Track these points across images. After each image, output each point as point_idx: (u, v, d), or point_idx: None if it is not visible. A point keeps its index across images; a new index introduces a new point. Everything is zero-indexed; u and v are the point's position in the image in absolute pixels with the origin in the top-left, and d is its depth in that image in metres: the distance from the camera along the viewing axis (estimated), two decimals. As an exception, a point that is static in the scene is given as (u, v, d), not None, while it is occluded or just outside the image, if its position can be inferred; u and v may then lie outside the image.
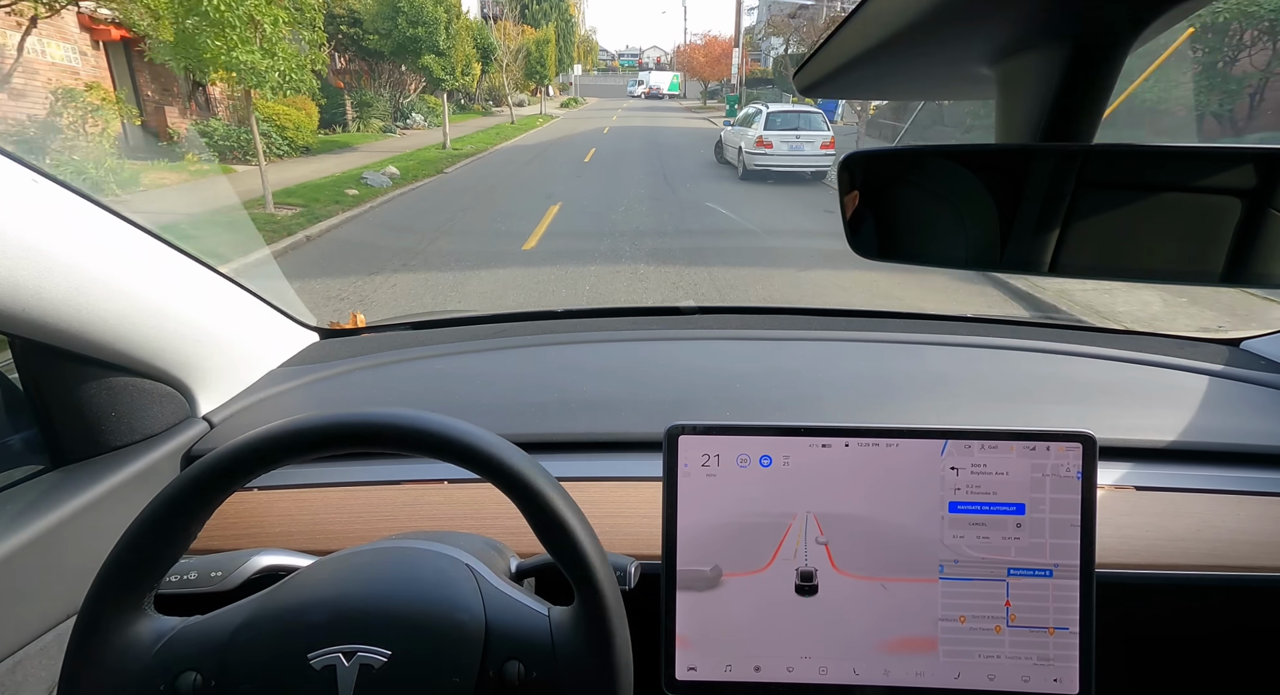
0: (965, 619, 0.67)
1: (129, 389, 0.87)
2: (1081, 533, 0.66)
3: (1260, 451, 0.94)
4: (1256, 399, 1.06)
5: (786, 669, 0.68)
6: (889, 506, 0.68)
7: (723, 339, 1.28)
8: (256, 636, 0.56)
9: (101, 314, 0.76)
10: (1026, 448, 0.67)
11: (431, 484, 0.90)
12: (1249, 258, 0.41)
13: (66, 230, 0.72)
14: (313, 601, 0.58)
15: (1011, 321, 1.36)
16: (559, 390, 1.10)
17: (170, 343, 0.88)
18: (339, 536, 0.83)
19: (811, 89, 0.62)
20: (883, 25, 0.45)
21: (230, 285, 1.01)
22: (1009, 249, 0.45)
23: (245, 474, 0.55)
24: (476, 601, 0.58)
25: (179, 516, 0.54)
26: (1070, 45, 0.42)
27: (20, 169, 0.69)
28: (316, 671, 0.54)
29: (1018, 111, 0.46)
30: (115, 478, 0.82)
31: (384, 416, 0.55)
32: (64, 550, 0.75)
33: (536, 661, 0.55)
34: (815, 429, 0.68)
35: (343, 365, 1.18)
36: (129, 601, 0.55)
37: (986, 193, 0.45)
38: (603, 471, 0.91)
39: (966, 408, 1.04)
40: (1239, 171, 0.40)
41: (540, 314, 1.42)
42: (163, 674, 0.55)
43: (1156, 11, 0.39)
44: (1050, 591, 0.66)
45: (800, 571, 0.68)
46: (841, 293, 5.81)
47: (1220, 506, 0.84)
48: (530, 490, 0.55)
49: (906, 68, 0.54)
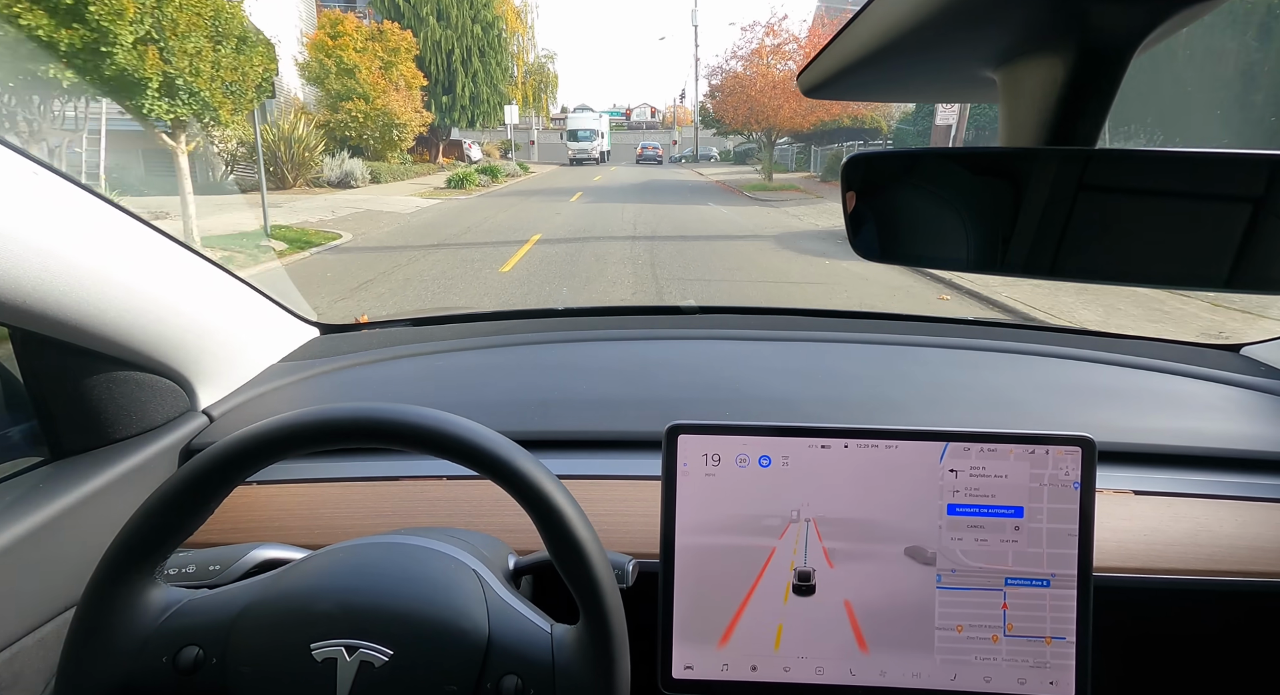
0: (963, 629, 0.67)
1: (128, 382, 0.87)
2: (1079, 541, 0.66)
3: (1259, 457, 0.94)
4: (1256, 405, 1.06)
5: (783, 669, 0.68)
6: (887, 507, 0.68)
7: (723, 339, 1.28)
8: (261, 620, 0.56)
9: (102, 307, 0.76)
10: (1026, 451, 0.67)
11: (430, 480, 0.90)
12: (1253, 263, 0.41)
13: (67, 223, 0.72)
14: (320, 591, 0.58)
15: (1012, 325, 1.37)
16: (559, 388, 1.10)
17: (170, 336, 0.88)
18: (337, 531, 0.83)
19: (815, 91, 0.62)
20: (887, 28, 0.45)
21: (231, 279, 1.01)
22: (1011, 251, 0.45)
23: (273, 456, 0.55)
24: (481, 611, 0.58)
25: (200, 492, 0.55)
26: (1075, 50, 0.42)
27: (21, 161, 0.69)
28: (317, 662, 0.54)
29: (1021, 115, 0.46)
30: (114, 470, 0.82)
31: (398, 414, 0.55)
32: (62, 543, 0.75)
33: (535, 678, 0.55)
34: (815, 429, 0.68)
35: (343, 360, 1.18)
36: (143, 568, 0.56)
37: (989, 195, 0.45)
38: (602, 469, 0.91)
39: (966, 410, 1.04)
40: (1244, 177, 0.40)
41: (541, 312, 1.42)
42: (166, 646, 0.55)
43: (1162, 16, 0.39)
44: (1048, 601, 0.66)
45: (798, 571, 0.68)
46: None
47: (1218, 512, 0.84)
48: (544, 502, 0.54)
49: (910, 70, 0.54)
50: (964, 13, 0.40)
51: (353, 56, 19.41)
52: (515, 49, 33.45)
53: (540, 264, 8.07)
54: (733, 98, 21.46)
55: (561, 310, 1.42)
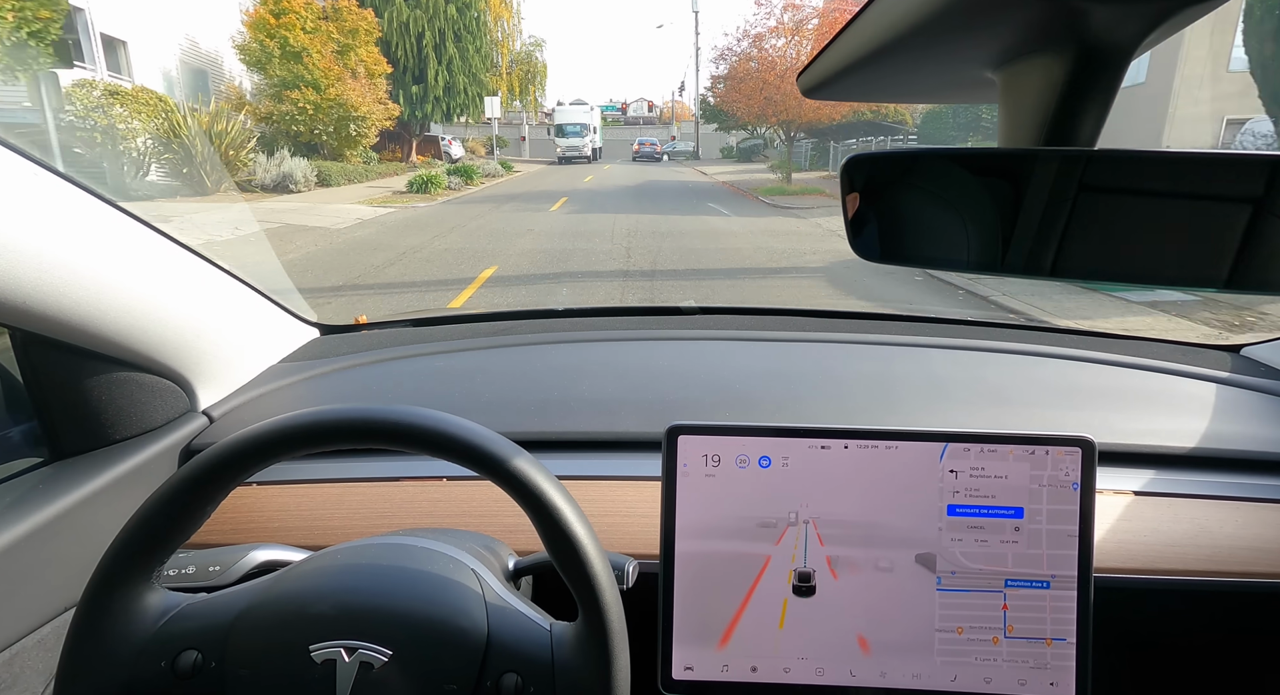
0: (963, 631, 0.67)
1: (128, 383, 0.87)
2: (1079, 542, 0.66)
3: (1259, 458, 0.94)
4: (1256, 405, 1.06)
5: (783, 670, 0.68)
6: (888, 508, 0.68)
7: (723, 339, 1.28)
8: (260, 623, 0.56)
9: (101, 308, 0.76)
10: (1026, 451, 0.67)
11: (429, 481, 0.90)
12: (1253, 264, 0.41)
13: (67, 224, 0.72)
14: (318, 593, 0.58)
15: (1012, 326, 1.37)
16: (559, 389, 1.10)
17: (170, 337, 0.88)
18: (337, 532, 0.83)
19: (815, 91, 0.62)
20: (888, 28, 0.45)
21: (231, 280, 1.01)
22: (1011, 252, 0.45)
23: (272, 458, 0.55)
24: (480, 609, 0.58)
25: (198, 494, 0.55)
26: (1074, 50, 0.42)
27: (22, 162, 0.69)
28: (317, 664, 0.54)
29: (1021, 115, 0.46)
30: (114, 471, 0.82)
31: (394, 414, 0.55)
32: (61, 543, 0.75)
33: (535, 676, 0.55)
34: (815, 430, 0.68)
35: (343, 361, 1.18)
36: (140, 573, 0.56)
37: (989, 196, 0.45)
38: (602, 470, 0.91)
39: (966, 411, 1.04)
40: (1244, 178, 0.40)
41: (541, 313, 1.42)
42: (165, 650, 0.55)
43: (1162, 17, 0.39)
44: (1048, 603, 0.66)
45: (798, 572, 0.68)
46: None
47: (1218, 512, 0.84)
48: (541, 501, 0.55)
49: (910, 71, 0.54)
50: (964, 13, 0.40)
51: (300, 38, 16.56)
52: (499, 35, 30.51)
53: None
54: (744, 86, 18.38)
55: (562, 311, 1.42)
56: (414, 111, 22.81)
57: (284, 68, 16.57)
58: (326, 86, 16.84)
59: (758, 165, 27.68)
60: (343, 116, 17.21)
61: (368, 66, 18.50)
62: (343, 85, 17.14)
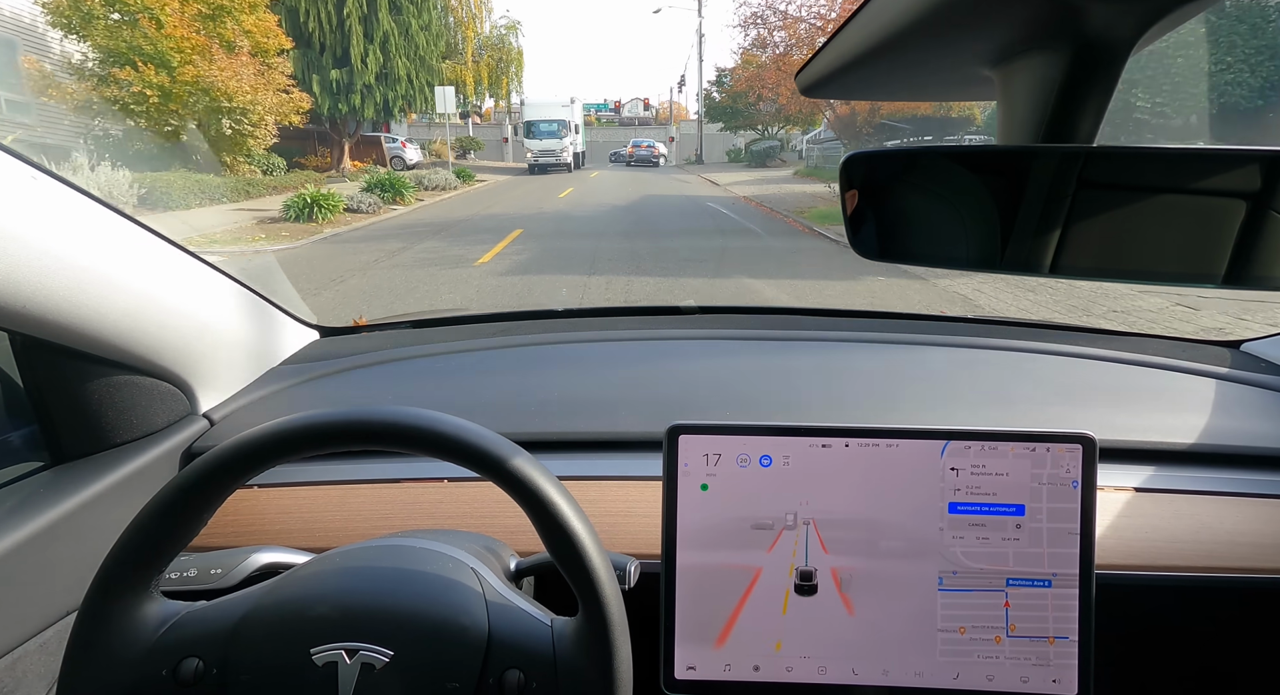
0: (965, 630, 0.67)
1: (129, 386, 0.87)
2: (1081, 540, 0.66)
3: (1259, 453, 0.94)
4: (1256, 401, 1.06)
5: (785, 669, 0.68)
6: (889, 507, 0.68)
7: (723, 339, 1.28)
8: (260, 628, 0.56)
9: (101, 311, 0.76)
10: (1026, 449, 0.67)
11: (430, 482, 0.90)
12: (1251, 260, 0.41)
13: (66, 227, 0.72)
14: (318, 596, 0.58)
15: (1013, 323, 1.37)
16: (559, 389, 1.10)
17: (170, 340, 0.88)
18: (338, 534, 0.83)
19: (813, 89, 0.62)
20: (886, 26, 0.45)
21: (230, 283, 1.01)
22: (1010, 250, 0.45)
23: (269, 461, 0.55)
24: (480, 607, 0.58)
25: (194, 500, 0.55)
26: (1072, 48, 0.42)
27: (19, 165, 0.69)
28: (318, 667, 0.54)
29: (1019, 113, 0.46)
30: (114, 475, 0.82)
31: (393, 415, 0.55)
32: (63, 547, 0.75)
33: (537, 671, 0.55)
34: (815, 429, 0.68)
35: (343, 363, 1.18)
36: (137, 583, 0.55)
37: (988, 193, 0.45)
38: (603, 470, 0.91)
39: (967, 409, 1.04)
40: (1241, 174, 0.40)
41: (540, 313, 1.42)
42: (166, 658, 0.55)
43: (1159, 15, 0.39)
44: (1050, 601, 0.66)
45: (800, 571, 0.68)
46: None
47: (1219, 508, 0.84)
48: (539, 498, 0.55)
49: (908, 69, 0.54)
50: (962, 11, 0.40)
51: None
52: (464, 15, 24.33)
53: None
54: (771, 73, 13.41)
55: (561, 311, 1.42)
56: (336, 104, 17.05)
57: (110, 35, 10.97)
58: (180, 64, 11.34)
59: (778, 172, 22.25)
60: (211, 107, 11.86)
61: (255, 39, 12.72)
62: (208, 63, 11.63)
